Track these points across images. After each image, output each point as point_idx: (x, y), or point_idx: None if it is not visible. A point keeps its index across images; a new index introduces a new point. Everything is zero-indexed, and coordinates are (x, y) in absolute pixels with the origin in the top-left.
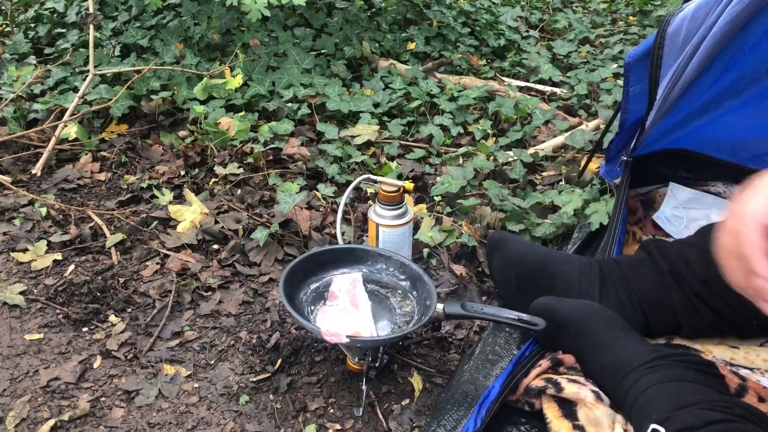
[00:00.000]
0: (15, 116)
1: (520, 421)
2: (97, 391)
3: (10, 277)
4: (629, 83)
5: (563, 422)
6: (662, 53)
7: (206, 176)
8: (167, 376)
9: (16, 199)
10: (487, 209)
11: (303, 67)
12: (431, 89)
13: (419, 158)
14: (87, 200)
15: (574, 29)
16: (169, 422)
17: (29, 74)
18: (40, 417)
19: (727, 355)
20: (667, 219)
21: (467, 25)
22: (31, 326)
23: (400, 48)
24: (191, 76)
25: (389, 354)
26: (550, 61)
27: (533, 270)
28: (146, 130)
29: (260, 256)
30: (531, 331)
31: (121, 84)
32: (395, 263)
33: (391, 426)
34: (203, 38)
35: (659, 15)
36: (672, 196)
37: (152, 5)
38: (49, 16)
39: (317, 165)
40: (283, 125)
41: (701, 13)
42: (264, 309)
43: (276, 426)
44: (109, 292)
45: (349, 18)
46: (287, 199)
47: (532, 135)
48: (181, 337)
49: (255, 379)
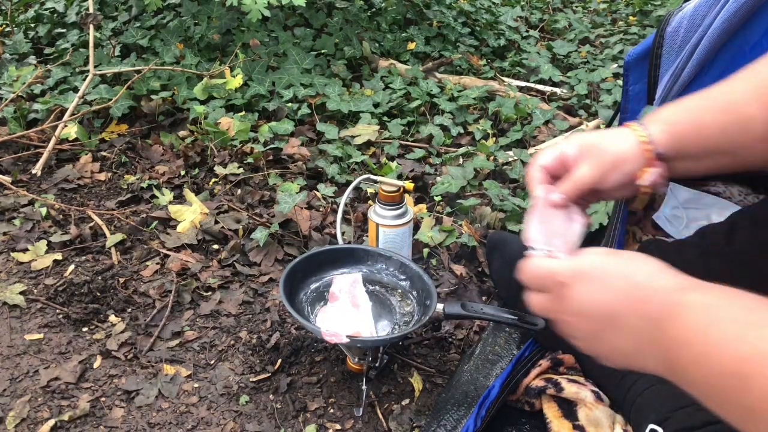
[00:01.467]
0: (15, 116)
1: (520, 421)
2: (97, 391)
3: (10, 277)
4: (628, 83)
5: (563, 422)
6: (661, 53)
7: (206, 176)
8: (167, 376)
9: (16, 199)
10: (487, 209)
11: (303, 67)
12: (431, 89)
13: (419, 158)
14: (87, 200)
15: (574, 29)
16: (169, 422)
17: (29, 74)
18: (40, 417)
19: None
20: (667, 219)
21: (467, 25)
22: (31, 326)
23: (400, 48)
24: (191, 76)
25: (389, 354)
26: (550, 61)
27: None
28: (146, 130)
29: (260, 256)
30: (531, 331)
31: (121, 84)
32: (395, 263)
33: (391, 426)
34: (203, 38)
35: (659, 15)
36: (672, 196)
37: (152, 5)
38: (49, 16)
39: (317, 165)
40: (283, 125)
41: (700, 12)
42: (264, 309)
43: (276, 426)
44: (109, 292)
45: (349, 18)
46: (287, 199)
47: (532, 135)
48: (181, 337)
49: (255, 379)
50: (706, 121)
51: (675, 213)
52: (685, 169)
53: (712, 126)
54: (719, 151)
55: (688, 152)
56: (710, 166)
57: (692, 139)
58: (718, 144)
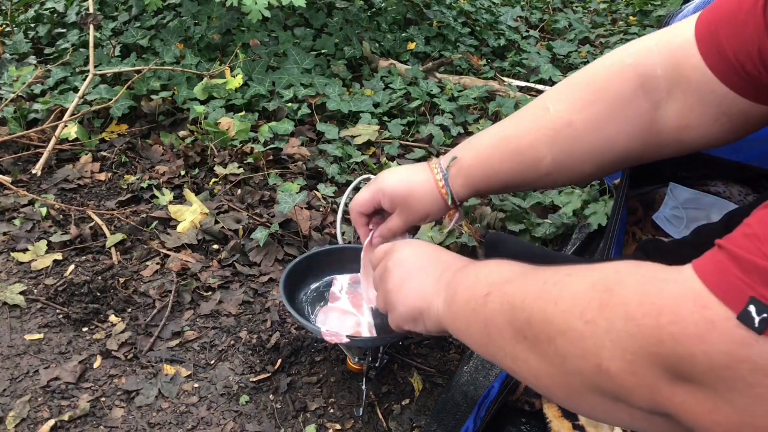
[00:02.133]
0: (15, 116)
1: (520, 420)
2: (97, 391)
3: (10, 277)
4: None
5: (563, 422)
6: None
7: (206, 176)
8: (167, 376)
9: (16, 199)
10: (487, 209)
11: (303, 67)
12: (431, 89)
13: (419, 158)
14: (87, 200)
15: (574, 29)
16: (169, 422)
17: (29, 74)
18: (40, 417)
19: None
20: (667, 219)
21: (467, 25)
22: (31, 326)
23: (400, 48)
24: (191, 76)
25: (389, 354)
26: (550, 61)
27: None
28: (146, 130)
29: (260, 256)
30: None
31: (121, 84)
32: None
33: (391, 426)
34: (203, 38)
35: (659, 15)
36: (672, 196)
37: (152, 5)
38: (49, 16)
39: (317, 165)
40: (283, 125)
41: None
42: (264, 309)
43: (276, 426)
44: (109, 292)
45: (349, 18)
46: (287, 199)
47: None
48: (181, 337)
49: (255, 379)
50: (502, 169)
51: (675, 213)
52: (471, 195)
53: (506, 171)
54: (508, 186)
55: (479, 191)
56: (495, 193)
57: (487, 184)
58: (509, 183)
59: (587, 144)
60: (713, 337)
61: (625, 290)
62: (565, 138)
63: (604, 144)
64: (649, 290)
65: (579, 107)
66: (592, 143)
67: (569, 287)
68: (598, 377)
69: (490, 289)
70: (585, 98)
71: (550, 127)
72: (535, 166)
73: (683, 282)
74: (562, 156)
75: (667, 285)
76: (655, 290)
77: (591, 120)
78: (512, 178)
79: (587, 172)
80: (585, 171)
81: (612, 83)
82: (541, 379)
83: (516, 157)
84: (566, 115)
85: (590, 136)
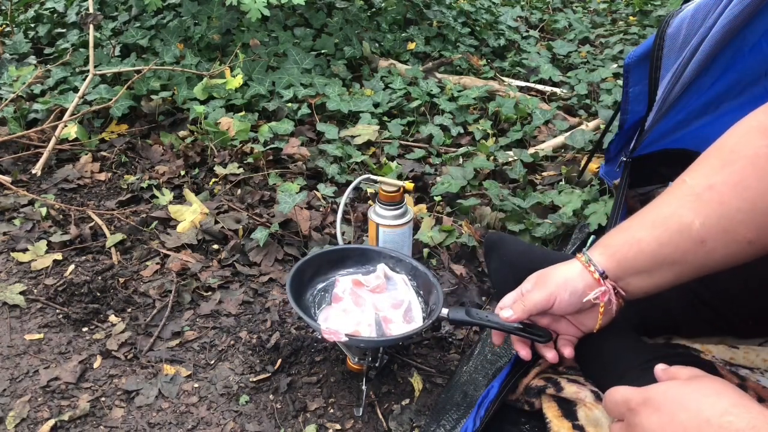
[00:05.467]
0: (15, 116)
1: (520, 420)
2: (97, 391)
3: (10, 277)
4: (629, 84)
5: (563, 422)
6: (662, 54)
7: (206, 176)
8: (167, 376)
9: (16, 199)
10: (487, 209)
11: (303, 67)
12: (431, 89)
13: (419, 158)
14: (87, 200)
15: (574, 29)
16: (169, 422)
17: (29, 74)
18: (40, 417)
19: (726, 355)
20: None
21: (467, 25)
22: (31, 326)
23: (400, 48)
24: (191, 76)
25: (389, 354)
26: (550, 61)
27: (531, 271)
28: (146, 130)
29: (260, 256)
30: (535, 341)
31: (121, 84)
32: (406, 266)
33: (391, 426)
34: (203, 38)
35: (659, 15)
36: None
37: (152, 5)
38: (49, 16)
39: (317, 165)
40: (283, 125)
41: (700, 14)
42: (264, 309)
43: (276, 426)
44: (109, 292)
45: (349, 18)
46: (287, 199)
47: (532, 135)
48: (181, 337)
49: (255, 379)
50: (642, 237)
51: None
52: (641, 285)
53: (649, 239)
54: (665, 261)
55: (633, 268)
56: (666, 278)
57: (631, 255)
58: (660, 255)
59: (735, 203)
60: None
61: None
62: (708, 201)
63: (753, 204)
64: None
65: (716, 170)
66: (740, 203)
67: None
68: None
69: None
70: (719, 163)
71: (690, 193)
72: (685, 233)
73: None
74: (712, 220)
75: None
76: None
77: (732, 180)
78: (659, 247)
79: (748, 237)
80: (746, 236)
81: (741, 145)
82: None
83: (659, 224)
84: (704, 181)
85: (736, 196)
